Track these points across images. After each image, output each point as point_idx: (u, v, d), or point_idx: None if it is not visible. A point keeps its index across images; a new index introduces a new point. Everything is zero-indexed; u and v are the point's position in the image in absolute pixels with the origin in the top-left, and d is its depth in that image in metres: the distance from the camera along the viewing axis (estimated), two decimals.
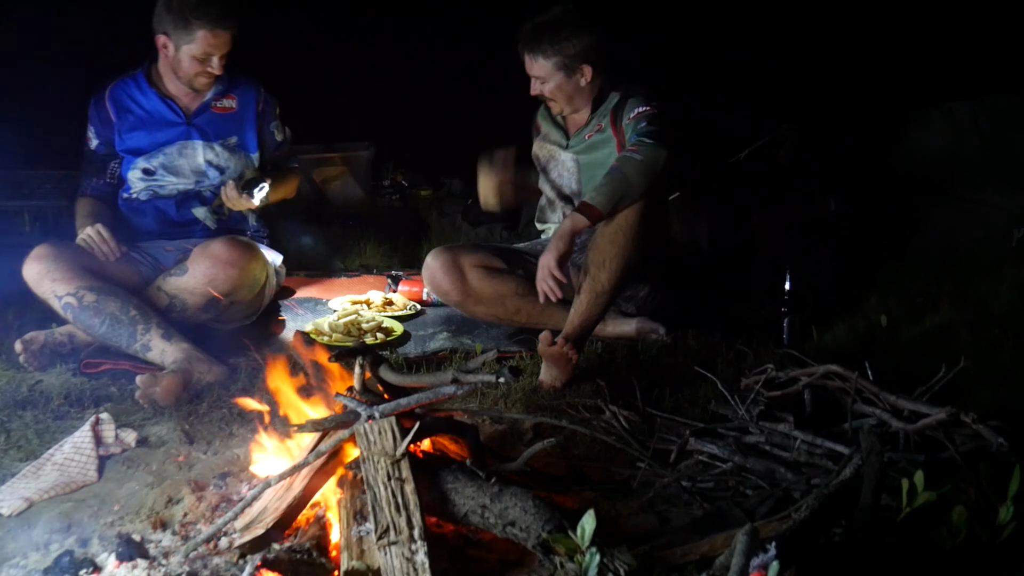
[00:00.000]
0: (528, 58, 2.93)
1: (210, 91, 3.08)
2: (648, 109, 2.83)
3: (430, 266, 3.02)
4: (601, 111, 2.98)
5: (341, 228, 4.66)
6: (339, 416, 1.91)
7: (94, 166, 3.12)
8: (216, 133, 3.10)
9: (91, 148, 3.11)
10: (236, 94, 3.15)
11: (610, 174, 2.63)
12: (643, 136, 2.71)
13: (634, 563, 1.51)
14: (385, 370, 2.11)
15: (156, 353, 2.71)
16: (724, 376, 2.51)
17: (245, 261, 2.90)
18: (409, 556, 1.54)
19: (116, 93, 3.08)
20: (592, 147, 3.00)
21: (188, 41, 2.90)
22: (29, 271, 2.77)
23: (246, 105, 3.15)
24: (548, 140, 3.15)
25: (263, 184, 3.02)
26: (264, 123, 3.20)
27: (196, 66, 2.94)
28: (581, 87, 2.95)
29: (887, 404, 2.13)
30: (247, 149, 3.15)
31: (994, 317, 3.04)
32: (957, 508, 1.61)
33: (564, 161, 3.08)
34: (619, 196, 2.59)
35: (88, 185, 3.12)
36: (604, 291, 2.63)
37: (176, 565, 1.72)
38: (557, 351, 2.55)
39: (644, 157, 2.63)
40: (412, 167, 5.48)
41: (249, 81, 3.18)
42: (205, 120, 3.09)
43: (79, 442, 2.19)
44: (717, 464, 2.08)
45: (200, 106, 3.09)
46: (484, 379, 1.84)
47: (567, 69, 2.90)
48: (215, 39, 2.90)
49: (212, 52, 2.92)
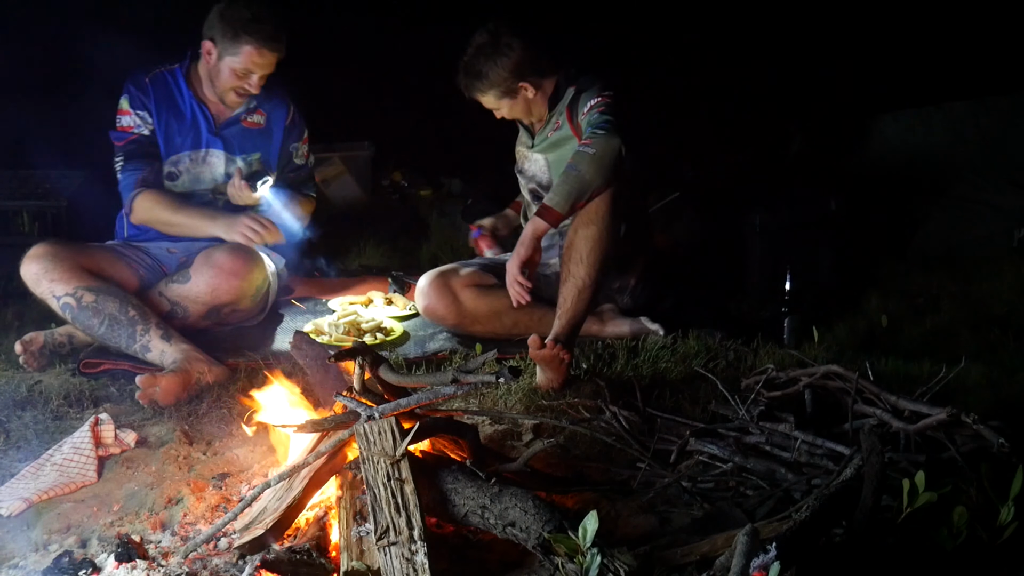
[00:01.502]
0: (474, 97, 2.98)
1: (242, 104, 3.05)
2: (600, 100, 2.80)
3: (423, 292, 3.03)
4: (558, 109, 2.98)
5: (341, 228, 4.66)
6: (339, 416, 1.91)
7: (141, 155, 2.96)
8: (241, 147, 3.06)
9: (136, 134, 2.96)
10: (266, 109, 3.10)
11: (565, 173, 2.63)
12: (596, 128, 2.68)
13: (634, 564, 1.51)
14: (385, 370, 2.10)
15: (155, 354, 2.71)
16: (724, 376, 2.51)
17: (248, 271, 2.89)
18: (409, 556, 1.54)
19: (157, 83, 3.00)
20: (555, 145, 3.01)
21: (233, 53, 2.87)
22: (27, 271, 2.76)
23: (275, 121, 3.12)
24: (520, 142, 3.18)
25: (267, 177, 3.00)
26: (288, 141, 3.17)
27: (234, 80, 2.91)
28: (531, 99, 2.96)
29: (888, 404, 2.13)
30: (269, 167, 3.13)
31: (994, 317, 3.04)
32: (958, 509, 1.61)
33: (536, 159, 3.09)
34: (576, 194, 2.58)
35: (143, 177, 2.95)
36: (585, 286, 2.62)
37: (175, 566, 1.71)
38: (548, 353, 2.54)
39: (597, 149, 2.61)
40: (412, 167, 5.48)
41: (281, 97, 3.13)
42: (233, 133, 3.06)
43: (78, 442, 2.19)
44: (717, 464, 2.08)
45: (230, 118, 3.05)
46: (484, 379, 1.83)
47: (509, 94, 2.93)
48: (260, 58, 2.87)
49: (254, 70, 2.89)
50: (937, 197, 4.07)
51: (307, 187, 3.31)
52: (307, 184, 3.32)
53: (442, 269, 3.08)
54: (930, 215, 4.03)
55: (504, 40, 2.88)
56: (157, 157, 2.99)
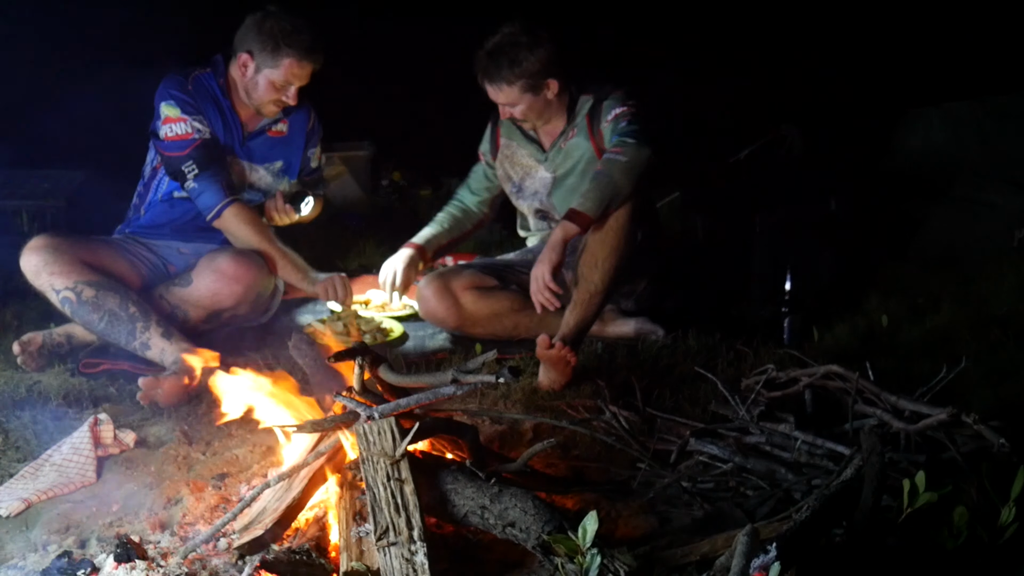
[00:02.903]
0: (491, 88, 2.89)
1: (277, 115, 3.02)
2: (626, 109, 2.81)
3: (423, 295, 3.01)
4: (577, 117, 2.97)
5: (341, 228, 4.65)
6: (338, 417, 1.90)
7: (213, 157, 2.85)
8: (263, 157, 3.04)
9: (200, 139, 2.84)
10: (289, 118, 3.08)
11: (596, 178, 2.62)
12: (625, 136, 2.70)
13: (634, 564, 1.51)
14: (385, 370, 2.10)
15: (155, 352, 2.70)
16: (724, 376, 2.50)
17: (250, 277, 2.87)
18: (409, 557, 1.54)
19: (198, 87, 2.92)
20: (568, 154, 2.99)
21: (272, 66, 2.84)
22: (27, 263, 2.74)
23: (297, 129, 3.10)
24: (521, 156, 3.13)
25: (308, 198, 3.01)
26: (308, 147, 3.16)
27: (272, 92, 2.88)
28: (550, 100, 2.93)
29: (888, 404, 2.12)
30: (289, 175, 3.11)
31: (994, 317, 3.04)
32: (958, 509, 1.61)
33: (542, 177, 3.07)
34: (608, 199, 2.58)
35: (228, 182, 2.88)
36: (598, 291, 2.62)
37: (175, 566, 1.71)
38: (556, 354, 2.55)
39: (628, 158, 2.62)
40: (412, 167, 5.47)
41: (304, 104, 3.09)
42: (258, 143, 3.04)
43: (77, 443, 2.19)
44: (717, 465, 2.08)
45: (257, 128, 3.02)
46: (484, 379, 1.83)
47: (534, 89, 2.87)
48: (300, 70, 2.85)
49: (293, 81, 2.86)
50: (937, 197, 4.06)
51: (319, 188, 3.30)
52: (319, 185, 3.32)
53: (442, 271, 3.08)
54: (930, 215, 4.03)
55: (539, 32, 2.86)
56: (224, 160, 2.94)
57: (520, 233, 3.35)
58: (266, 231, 2.98)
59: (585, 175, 2.92)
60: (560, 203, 3.03)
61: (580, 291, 2.63)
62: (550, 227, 3.17)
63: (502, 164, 3.18)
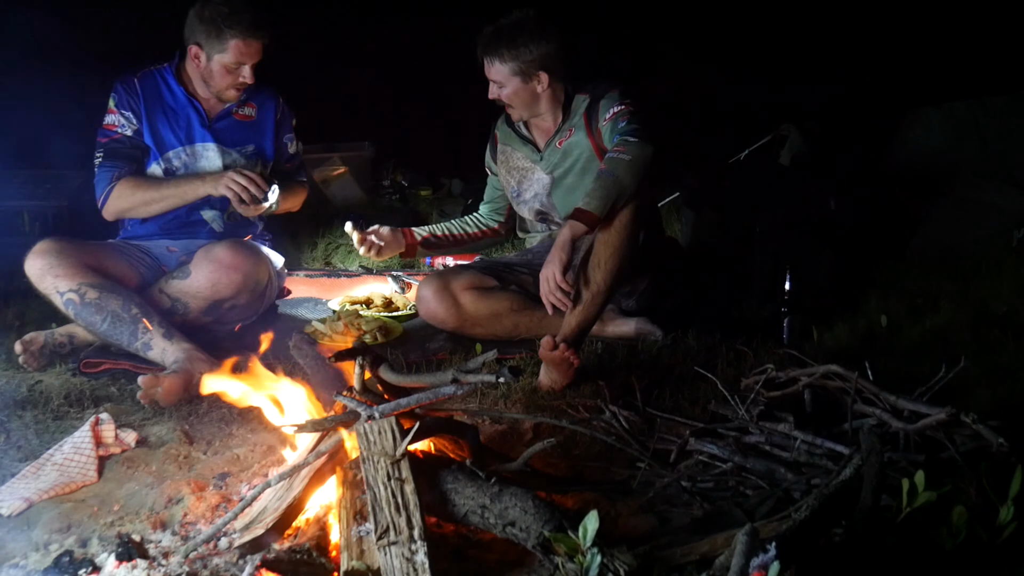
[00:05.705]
0: (486, 61, 2.93)
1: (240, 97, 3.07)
2: (624, 107, 2.81)
3: (422, 296, 3.02)
4: (574, 115, 2.97)
5: (341, 228, 4.66)
6: (339, 416, 1.91)
7: (121, 154, 2.98)
8: (234, 140, 3.08)
9: (118, 135, 2.98)
10: (256, 102, 3.13)
11: (601, 177, 2.62)
12: (626, 135, 2.69)
13: (634, 563, 1.51)
14: (385, 370, 2.11)
15: (157, 352, 2.71)
16: (724, 376, 2.51)
17: (248, 265, 2.90)
18: (409, 556, 1.54)
19: (146, 81, 3.03)
20: (566, 154, 3.00)
21: (220, 51, 2.90)
22: (31, 266, 2.76)
23: (265, 114, 3.15)
24: (517, 159, 3.13)
25: (274, 187, 3.02)
26: (281, 133, 3.19)
27: (228, 77, 2.94)
28: (537, 93, 2.94)
29: (887, 404, 2.13)
30: (264, 157, 3.14)
31: (994, 317, 3.04)
32: (957, 508, 1.61)
33: (539, 179, 3.07)
34: (614, 198, 2.58)
35: (119, 174, 2.95)
36: (600, 291, 2.62)
37: (176, 565, 1.72)
38: (559, 356, 2.55)
39: (632, 156, 2.62)
40: (412, 167, 5.48)
41: (268, 90, 3.16)
42: (225, 126, 3.08)
43: (79, 442, 2.19)
44: (717, 464, 2.08)
45: (222, 112, 3.07)
46: (484, 379, 1.84)
47: (523, 75, 2.89)
48: (247, 48, 2.90)
49: (244, 61, 2.92)
50: (937, 197, 4.06)
51: (300, 174, 3.34)
52: (300, 171, 3.35)
53: (441, 272, 3.09)
54: (930, 215, 4.03)
55: (548, 26, 2.88)
56: (137, 159, 3.01)
57: (519, 234, 3.35)
58: (157, 180, 2.99)
59: (584, 174, 2.92)
60: (560, 203, 3.04)
61: (582, 291, 2.63)
62: (550, 228, 3.17)
63: (502, 170, 3.19)
